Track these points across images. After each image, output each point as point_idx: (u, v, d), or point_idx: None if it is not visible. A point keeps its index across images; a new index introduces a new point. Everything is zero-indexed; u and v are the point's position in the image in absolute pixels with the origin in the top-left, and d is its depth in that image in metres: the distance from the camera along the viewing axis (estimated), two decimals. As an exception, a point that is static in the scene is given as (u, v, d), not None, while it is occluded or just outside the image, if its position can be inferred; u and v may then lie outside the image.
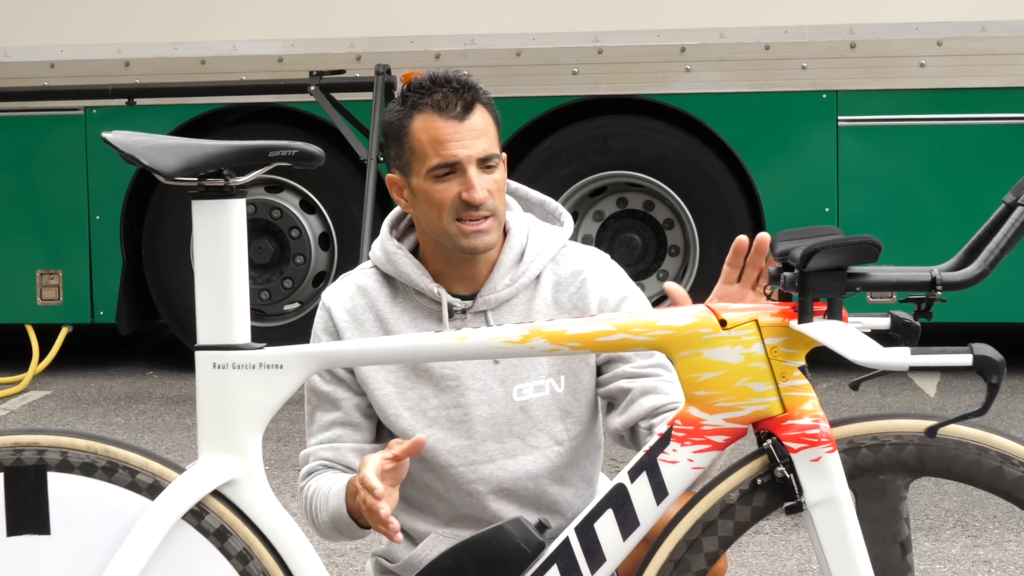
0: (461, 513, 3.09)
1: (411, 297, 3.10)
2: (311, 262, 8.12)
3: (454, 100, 2.98)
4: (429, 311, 3.08)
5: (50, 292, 8.19)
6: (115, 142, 2.55)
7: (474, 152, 2.98)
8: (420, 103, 3.00)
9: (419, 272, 3.07)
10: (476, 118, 3.00)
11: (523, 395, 3.06)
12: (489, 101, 3.05)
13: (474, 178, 2.97)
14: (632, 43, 7.71)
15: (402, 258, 3.09)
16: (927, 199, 7.64)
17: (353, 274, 3.17)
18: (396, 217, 3.18)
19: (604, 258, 3.16)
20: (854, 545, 2.47)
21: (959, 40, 7.48)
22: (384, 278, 3.13)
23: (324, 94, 7.32)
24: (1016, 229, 2.43)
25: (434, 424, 3.06)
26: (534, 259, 3.08)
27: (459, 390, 3.06)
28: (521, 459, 3.06)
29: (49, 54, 8.09)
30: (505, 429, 3.06)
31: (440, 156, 2.98)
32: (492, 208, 3.00)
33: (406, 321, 3.08)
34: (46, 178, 8.16)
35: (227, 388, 2.57)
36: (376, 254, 3.13)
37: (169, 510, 2.55)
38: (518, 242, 3.10)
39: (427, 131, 2.99)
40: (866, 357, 2.40)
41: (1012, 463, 2.49)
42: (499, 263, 3.08)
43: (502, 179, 3.03)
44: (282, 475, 6.10)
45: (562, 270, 3.11)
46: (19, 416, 7.35)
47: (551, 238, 3.13)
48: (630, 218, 8.01)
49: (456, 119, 2.98)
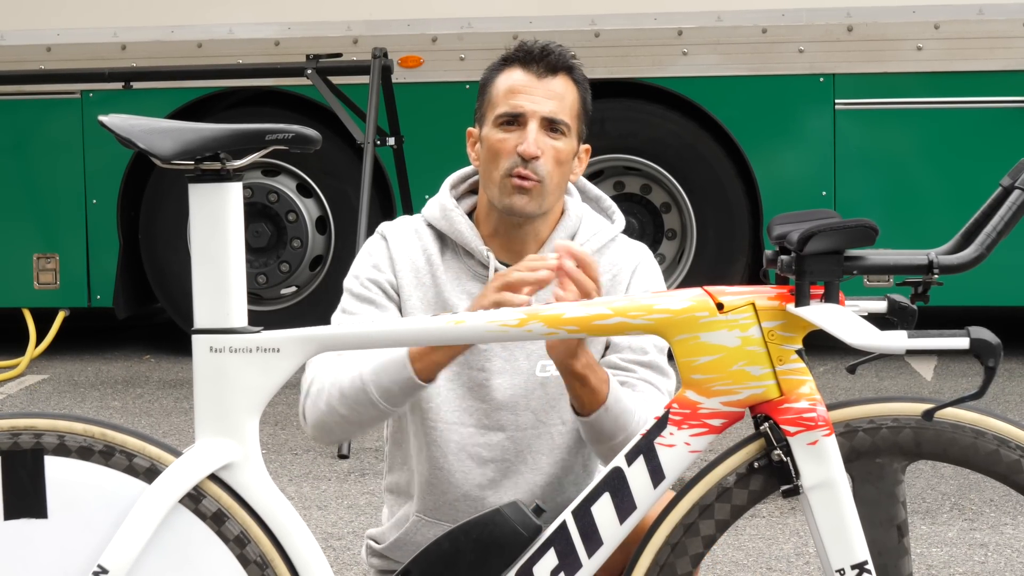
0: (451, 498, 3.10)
1: (460, 257, 3.12)
2: (308, 246, 8.12)
3: (540, 59, 3.05)
4: (475, 273, 3.11)
5: (47, 276, 8.19)
6: (112, 126, 2.55)
7: (540, 109, 3.03)
8: (511, 58, 3.08)
9: (472, 232, 3.10)
10: (557, 83, 3.05)
11: (546, 371, 3.09)
12: (582, 79, 3.10)
13: (531, 133, 3.01)
14: (629, 26, 7.71)
15: (458, 216, 3.11)
16: (924, 182, 7.64)
17: (409, 219, 3.19)
18: (458, 179, 3.21)
19: (643, 253, 3.19)
20: (851, 528, 2.47)
21: (956, 23, 7.47)
22: (435, 235, 3.15)
23: (321, 77, 7.31)
24: (1013, 212, 2.43)
25: (455, 379, 3.08)
26: (584, 243, 3.10)
27: (487, 355, 3.08)
28: (529, 432, 3.08)
29: (45, 37, 8.08)
30: (523, 402, 3.08)
31: (508, 104, 3.04)
32: (542, 173, 3.03)
33: (451, 277, 3.11)
34: (43, 162, 8.15)
35: (224, 372, 2.57)
36: (431, 211, 3.16)
37: (166, 494, 2.55)
38: (572, 224, 3.13)
39: (506, 82, 3.06)
40: (863, 340, 2.41)
41: (1009, 446, 2.49)
42: (550, 240, 3.11)
43: (565, 150, 3.05)
44: (279, 459, 6.10)
45: (603, 260, 3.13)
46: (16, 400, 7.35)
47: (603, 229, 3.16)
48: (627, 202, 8.00)
49: (536, 75, 3.04)
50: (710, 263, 7.82)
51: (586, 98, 3.12)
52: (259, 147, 2.57)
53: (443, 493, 3.11)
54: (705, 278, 7.51)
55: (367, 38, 7.74)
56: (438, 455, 3.10)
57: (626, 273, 3.13)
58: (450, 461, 3.09)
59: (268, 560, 2.58)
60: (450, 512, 3.09)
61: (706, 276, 7.60)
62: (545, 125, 3.03)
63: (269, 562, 2.58)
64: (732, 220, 7.81)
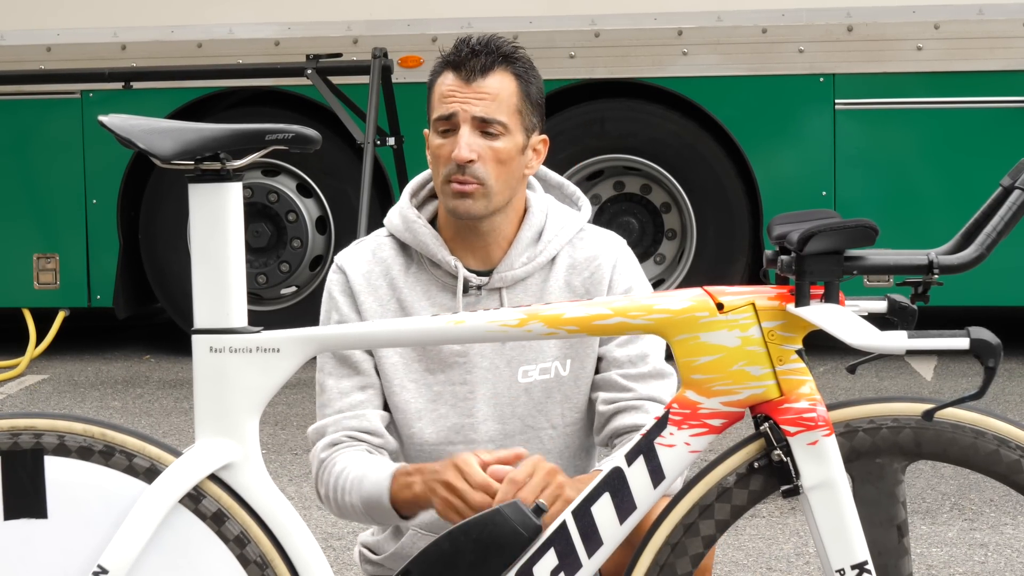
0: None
1: (426, 268, 3.08)
2: (308, 246, 8.12)
3: (471, 61, 2.99)
4: (443, 284, 3.07)
5: (47, 276, 8.19)
6: (112, 126, 2.55)
7: (471, 110, 2.97)
8: (447, 60, 3.03)
9: (437, 243, 3.06)
10: (489, 82, 2.99)
11: (528, 377, 3.06)
12: (523, 71, 3.03)
13: (462, 137, 2.96)
14: (629, 26, 7.71)
15: (421, 227, 3.07)
16: (924, 182, 7.64)
17: (368, 240, 3.15)
18: (417, 185, 3.16)
19: (620, 245, 3.13)
20: (851, 528, 2.47)
21: (956, 23, 7.47)
22: (399, 247, 3.11)
23: (321, 77, 7.31)
24: (1013, 212, 2.43)
25: (438, 399, 3.06)
26: (552, 239, 3.07)
27: (467, 367, 3.05)
28: (518, 439, 3.06)
29: (45, 37, 8.08)
30: (508, 410, 3.06)
31: (440, 109, 3.00)
32: (479, 175, 2.98)
33: (419, 292, 3.07)
34: (43, 162, 8.15)
35: (224, 372, 2.57)
36: (393, 221, 3.11)
37: (166, 494, 2.55)
38: (537, 221, 3.08)
39: (441, 86, 3.01)
40: (863, 340, 2.41)
41: (1009, 446, 2.49)
42: (517, 240, 3.07)
43: (505, 149, 2.99)
44: (279, 459, 6.10)
45: (578, 254, 3.09)
46: (16, 400, 7.35)
47: (570, 220, 3.11)
48: (627, 202, 8.00)
49: (464, 79, 2.99)
50: (710, 263, 7.82)
51: (528, 90, 3.03)
52: (259, 147, 2.57)
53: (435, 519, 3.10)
54: (705, 278, 7.51)
55: (367, 38, 7.74)
56: None
57: (606, 269, 3.08)
58: None
59: (268, 560, 2.58)
60: (445, 525, 3.07)
61: (706, 276, 7.60)
62: (478, 126, 2.98)
63: (269, 562, 2.58)
64: (732, 220, 7.81)
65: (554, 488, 2.77)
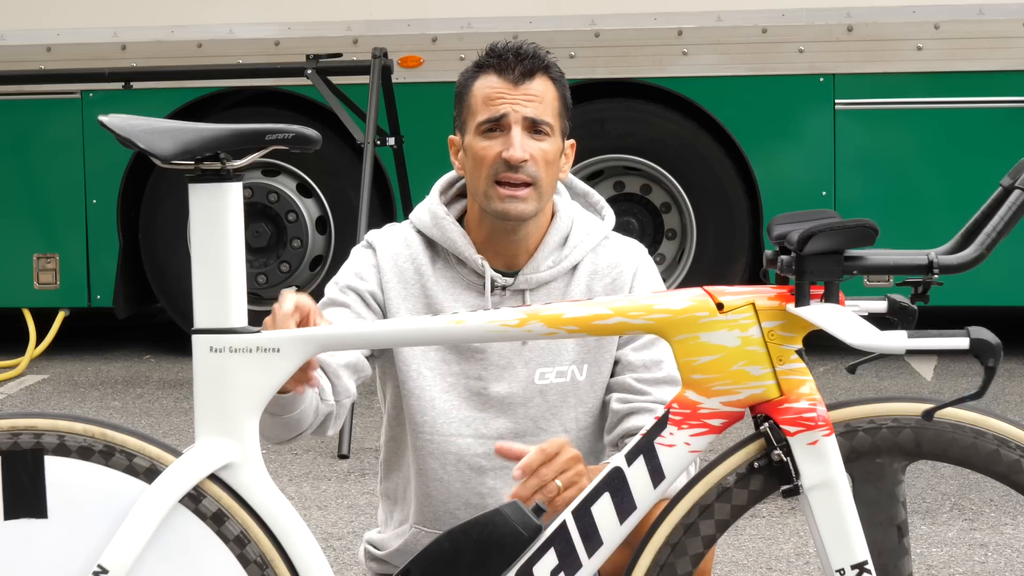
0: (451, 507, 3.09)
1: (452, 266, 3.10)
2: (308, 246, 8.12)
3: (515, 64, 3.03)
4: (468, 282, 3.09)
5: (47, 276, 8.19)
6: (112, 125, 2.55)
7: (522, 112, 3.01)
8: (485, 64, 3.06)
9: (465, 241, 3.08)
10: (535, 85, 3.04)
11: (545, 379, 3.07)
12: (559, 77, 3.09)
13: (515, 137, 3.00)
14: (629, 26, 7.71)
15: (449, 224, 3.09)
16: (924, 182, 7.64)
17: (399, 227, 3.16)
18: (446, 183, 3.18)
19: (641, 253, 3.17)
20: (851, 528, 2.47)
21: (956, 23, 7.47)
22: (425, 242, 3.12)
23: (321, 77, 7.31)
24: (1013, 212, 2.43)
25: (451, 390, 3.07)
26: (578, 245, 3.10)
27: (484, 363, 3.06)
28: (529, 440, 3.05)
29: (45, 37, 8.08)
30: (521, 411, 3.07)
31: (488, 111, 3.01)
32: (532, 175, 3.01)
33: (444, 287, 3.08)
34: (43, 162, 8.15)
35: (224, 372, 2.57)
36: (422, 217, 3.12)
37: (166, 494, 2.55)
38: (564, 225, 3.11)
39: (483, 89, 3.04)
40: (863, 340, 2.41)
41: (1009, 446, 2.49)
42: (544, 243, 3.09)
43: (551, 151, 3.03)
44: (279, 459, 6.10)
45: (600, 260, 3.12)
46: (16, 400, 7.35)
47: (595, 227, 3.15)
48: (627, 202, 8.00)
49: (512, 81, 3.02)
50: (710, 263, 7.82)
51: (565, 94, 3.10)
52: (259, 147, 2.57)
53: (443, 503, 3.10)
54: (705, 278, 7.51)
55: (367, 38, 7.74)
56: (436, 467, 3.09)
57: (627, 276, 3.12)
58: (449, 472, 3.08)
59: (268, 560, 2.58)
60: (450, 522, 3.06)
61: (706, 276, 7.60)
62: (528, 127, 3.02)
63: (269, 562, 2.58)
64: (732, 220, 7.82)
65: (573, 474, 2.78)
